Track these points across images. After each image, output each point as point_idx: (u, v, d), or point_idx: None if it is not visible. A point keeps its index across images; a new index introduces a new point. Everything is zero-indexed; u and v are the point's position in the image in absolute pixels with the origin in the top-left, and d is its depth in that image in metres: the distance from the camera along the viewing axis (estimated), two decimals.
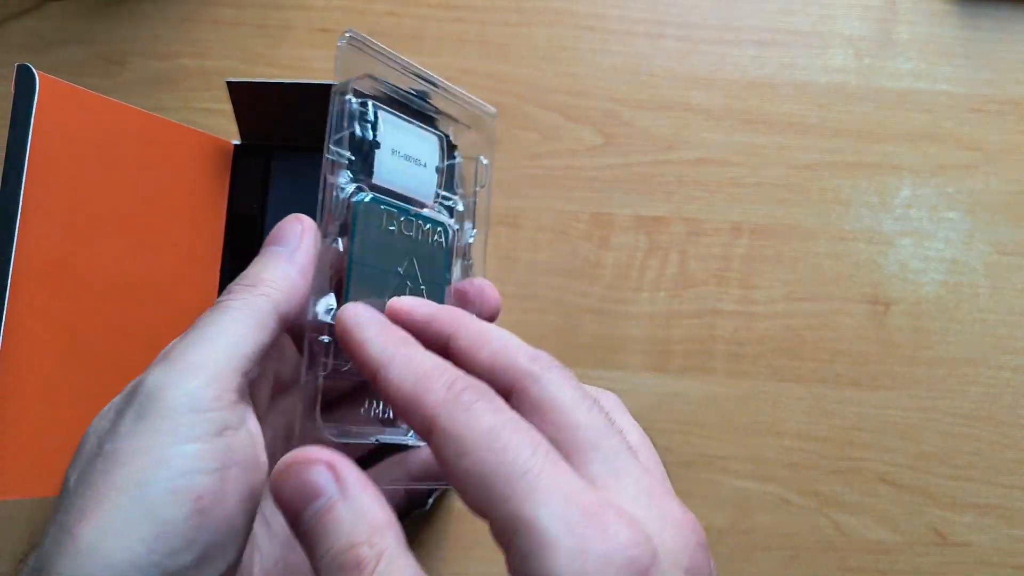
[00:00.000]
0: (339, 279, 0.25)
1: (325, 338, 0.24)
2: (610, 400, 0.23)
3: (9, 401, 0.28)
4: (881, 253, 0.47)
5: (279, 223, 0.25)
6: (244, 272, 0.24)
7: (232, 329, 0.22)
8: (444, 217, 0.27)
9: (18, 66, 0.28)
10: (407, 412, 0.20)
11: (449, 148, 0.28)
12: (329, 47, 0.49)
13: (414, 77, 0.26)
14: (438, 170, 0.27)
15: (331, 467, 0.19)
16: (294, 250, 0.24)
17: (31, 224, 0.29)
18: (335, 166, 0.24)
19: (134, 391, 0.22)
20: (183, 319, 0.36)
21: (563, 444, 0.19)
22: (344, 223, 0.25)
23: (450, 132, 0.28)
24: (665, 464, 0.47)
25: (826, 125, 0.47)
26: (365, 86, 0.25)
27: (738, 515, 0.45)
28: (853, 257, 0.47)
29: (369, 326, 0.22)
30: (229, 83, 0.34)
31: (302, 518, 0.19)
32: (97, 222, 0.32)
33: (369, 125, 0.25)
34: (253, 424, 0.23)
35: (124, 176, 0.33)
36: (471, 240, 0.29)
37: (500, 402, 0.19)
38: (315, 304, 0.24)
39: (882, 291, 0.46)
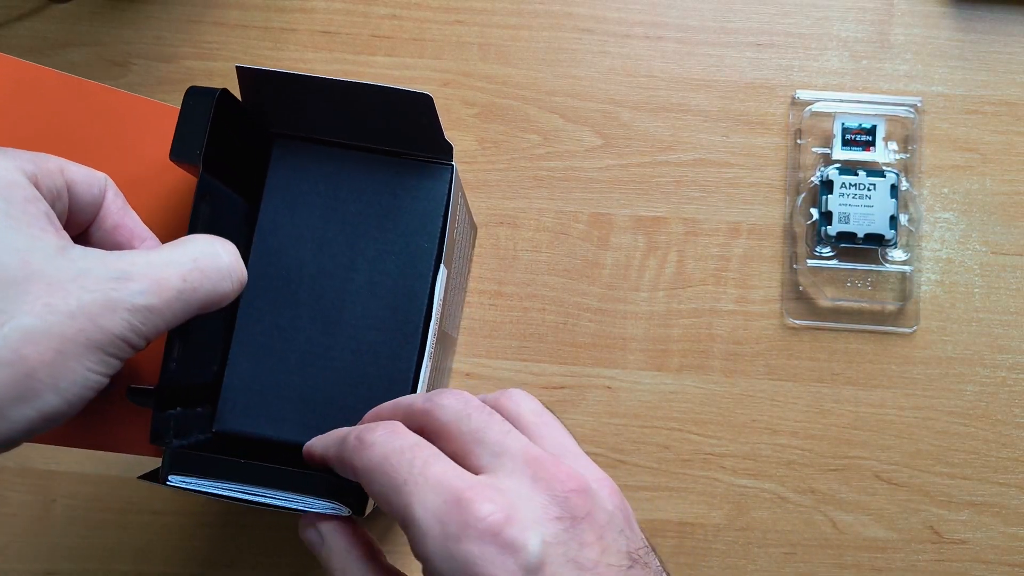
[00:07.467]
0: None
1: None
2: (515, 395, 0.28)
3: None
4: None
5: None
6: None
7: None
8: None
9: None
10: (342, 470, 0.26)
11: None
12: (330, 49, 0.49)
13: None
14: None
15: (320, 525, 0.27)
16: None
17: None
18: None
19: None
20: None
21: (457, 451, 0.25)
22: None
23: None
24: (664, 462, 0.47)
25: (822, 126, 0.48)
26: None
27: (735, 512, 0.45)
28: None
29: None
30: (239, 68, 0.34)
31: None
32: None
33: None
34: None
35: (94, 154, 0.32)
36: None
37: (393, 431, 0.25)
38: None
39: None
